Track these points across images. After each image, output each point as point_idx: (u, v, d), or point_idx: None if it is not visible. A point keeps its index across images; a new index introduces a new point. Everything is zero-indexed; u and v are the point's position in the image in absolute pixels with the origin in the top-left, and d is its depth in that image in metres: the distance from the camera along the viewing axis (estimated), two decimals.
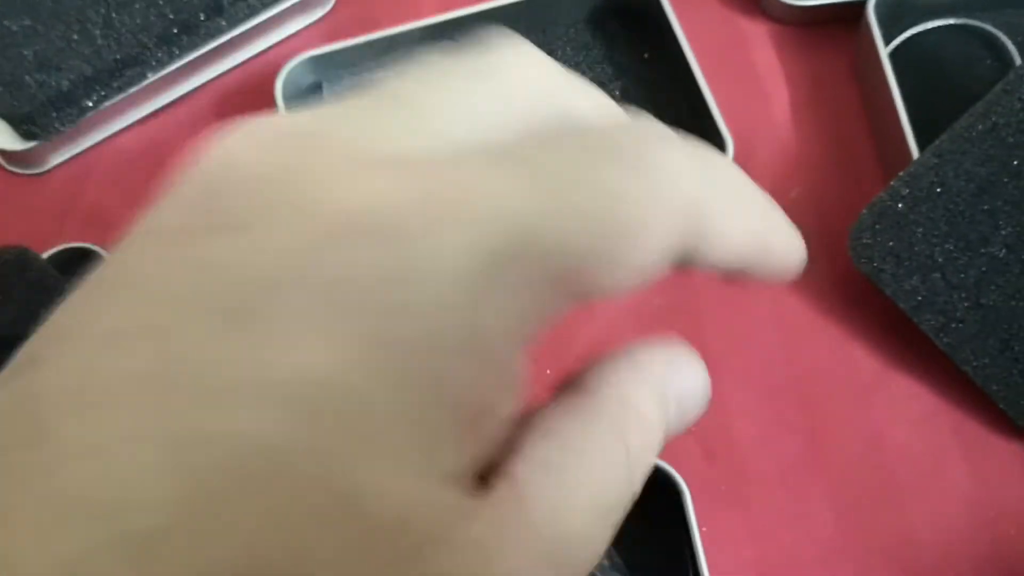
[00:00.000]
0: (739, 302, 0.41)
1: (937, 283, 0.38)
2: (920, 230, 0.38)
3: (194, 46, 0.45)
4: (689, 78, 0.42)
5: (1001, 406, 0.38)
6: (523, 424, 0.17)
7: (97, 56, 0.44)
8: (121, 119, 0.46)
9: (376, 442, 0.13)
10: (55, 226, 0.43)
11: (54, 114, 0.44)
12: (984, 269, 0.38)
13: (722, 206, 0.17)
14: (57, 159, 0.46)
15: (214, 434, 0.12)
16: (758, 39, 0.47)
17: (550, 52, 0.45)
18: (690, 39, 0.43)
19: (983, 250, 0.38)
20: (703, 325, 0.41)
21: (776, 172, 0.44)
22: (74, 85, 0.44)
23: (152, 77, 0.45)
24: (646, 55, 0.45)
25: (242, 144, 0.15)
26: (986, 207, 0.38)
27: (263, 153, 0.15)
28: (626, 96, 0.44)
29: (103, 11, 0.45)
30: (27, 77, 0.44)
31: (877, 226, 0.39)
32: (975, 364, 0.38)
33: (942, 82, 0.44)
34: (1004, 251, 0.38)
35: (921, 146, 0.40)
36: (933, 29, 0.45)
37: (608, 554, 0.36)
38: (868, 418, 0.39)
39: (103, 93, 0.44)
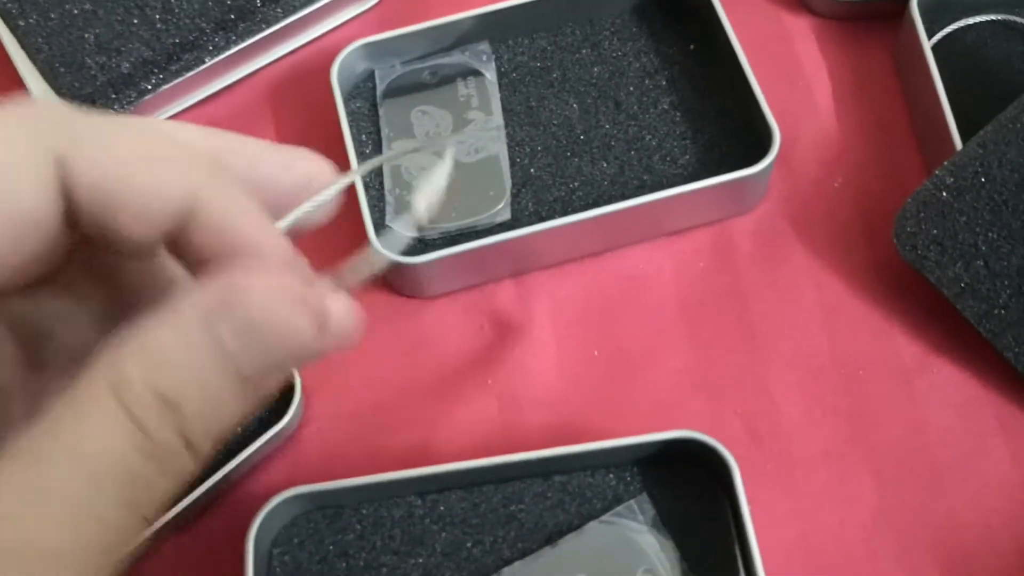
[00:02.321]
0: (785, 288, 0.42)
1: (980, 271, 0.39)
2: (964, 219, 0.39)
3: (250, 32, 0.46)
4: (736, 70, 0.43)
5: None
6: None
7: (156, 40, 0.45)
8: (178, 102, 0.47)
9: None
10: None
11: (113, 96, 0.45)
12: None
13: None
14: None
15: None
16: (801, 33, 0.48)
17: (597, 43, 0.47)
18: (735, 32, 0.44)
19: None
20: (750, 310, 0.42)
21: (820, 163, 0.44)
22: (134, 68, 0.45)
23: (209, 62, 0.46)
24: (692, 46, 0.46)
25: None
26: None
27: None
28: (672, 86, 0.45)
29: None
30: (88, 59, 0.45)
31: (921, 214, 0.39)
32: (1016, 350, 0.39)
33: (982, 77, 0.45)
34: None
35: (962, 138, 0.41)
36: (974, 24, 0.46)
37: (651, 521, 0.36)
38: (910, 402, 0.40)
39: (161, 76, 0.45)
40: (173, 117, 0.47)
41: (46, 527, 0.18)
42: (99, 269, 0.24)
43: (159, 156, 0.21)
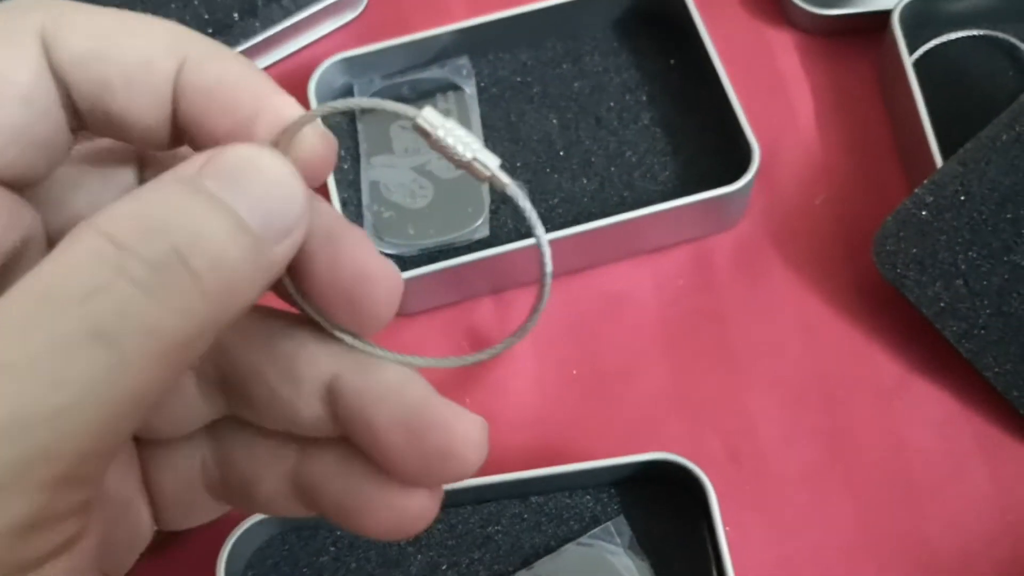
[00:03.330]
0: (764, 306, 0.42)
1: (960, 290, 0.39)
2: (944, 237, 0.39)
3: (228, 46, 0.46)
4: (716, 85, 0.43)
5: (1022, 412, 0.38)
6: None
7: None
8: None
9: None
10: None
11: None
12: (1007, 277, 0.38)
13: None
14: None
15: None
16: (783, 48, 0.47)
17: (577, 57, 0.46)
18: (716, 47, 0.43)
19: (1006, 258, 0.38)
20: (729, 329, 0.41)
21: (801, 179, 0.44)
22: None
23: None
24: (673, 62, 0.46)
25: None
26: (1009, 216, 0.38)
27: None
28: (653, 102, 0.45)
29: (139, 10, 0.45)
30: None
31: (901, 233, 0.39)
32: (996, 370, 0.38)
33: (965, 92, 0.45)
34: None
35: (944, 155, 0.40)
36: (956, 40, 0.46)
37: (629, 543, 0.36)
38: (890, 421, 0.39)
39: None
40: None
41: None
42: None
43: (140, 23, 0.21)
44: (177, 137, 0.22)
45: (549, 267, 0.21)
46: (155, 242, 0.17)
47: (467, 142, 0.20)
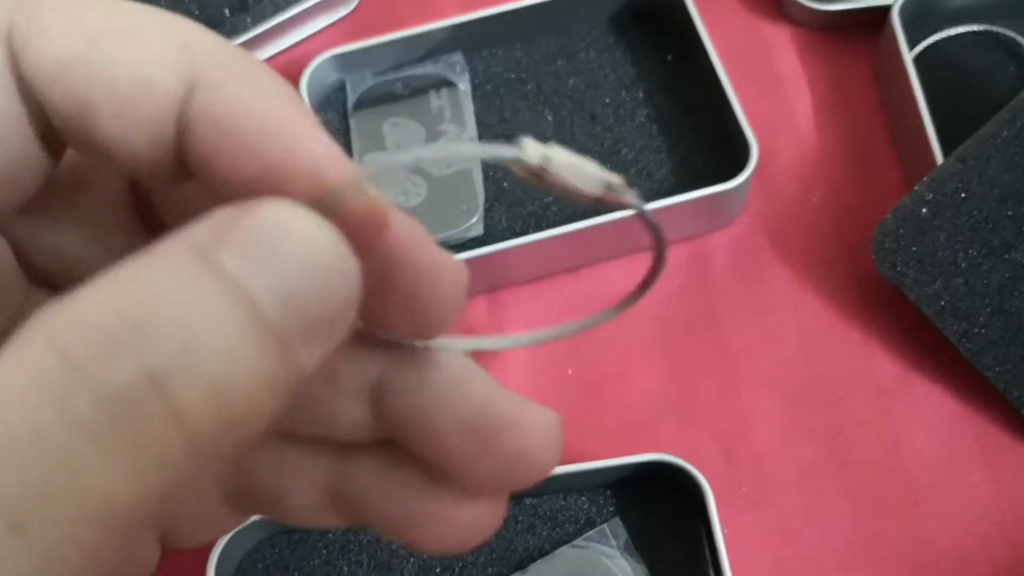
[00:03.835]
0: (761, 305, 0.41)
1: (960, 288, 0.38)
2: (943, 235, 0.38)
3: None
4: (714, 81, 0.42)
5: (1022, 412, 0.38)
6: None
7: None
8: None
9: None
10: None
11: None
12: (1007, 275, 0.38)
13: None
14: None
15: None
16: (781, 43, 0.47)
17: (572, 54, 0.46)
18: (713, 42, 0.43)
19: (1006, 256, 0.38)
20: (725, 329, 0.41)
21: (798, 176, 0.44)
22: None
23: None
24: (669, 57, 0.45)
25: None
26: (1010, 213, 0.38)
27: None
28: (649, 98, 0.45)
29: None
30: None
31: (900, 231, 0.39)
32: (997, 370, 0.38)
33: (964, 88, 0.44)
34: None
35: (944, 152, 0.40)
36: (956, 35, 0.45)
37: (624, 545, 0.36)
38: (888, 422, 0.39)
39: None
40: None
41: None
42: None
43: (138, 20, 0.16)
44: (185, 171, 0.17)
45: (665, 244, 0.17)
46: (121, 360, 0.12)
47: (587, 172, 0.15)
